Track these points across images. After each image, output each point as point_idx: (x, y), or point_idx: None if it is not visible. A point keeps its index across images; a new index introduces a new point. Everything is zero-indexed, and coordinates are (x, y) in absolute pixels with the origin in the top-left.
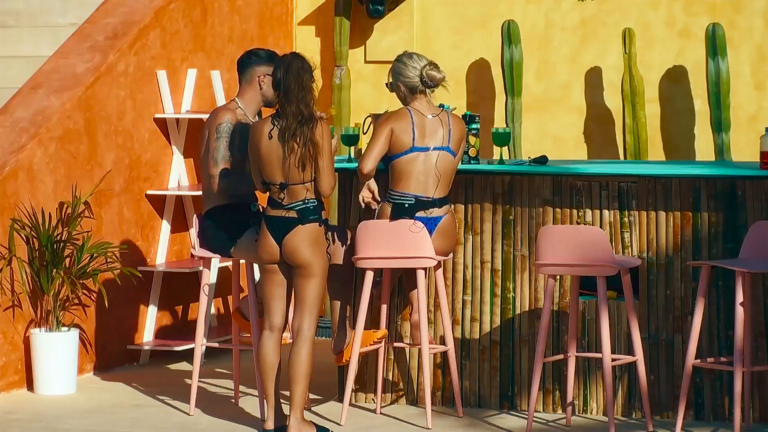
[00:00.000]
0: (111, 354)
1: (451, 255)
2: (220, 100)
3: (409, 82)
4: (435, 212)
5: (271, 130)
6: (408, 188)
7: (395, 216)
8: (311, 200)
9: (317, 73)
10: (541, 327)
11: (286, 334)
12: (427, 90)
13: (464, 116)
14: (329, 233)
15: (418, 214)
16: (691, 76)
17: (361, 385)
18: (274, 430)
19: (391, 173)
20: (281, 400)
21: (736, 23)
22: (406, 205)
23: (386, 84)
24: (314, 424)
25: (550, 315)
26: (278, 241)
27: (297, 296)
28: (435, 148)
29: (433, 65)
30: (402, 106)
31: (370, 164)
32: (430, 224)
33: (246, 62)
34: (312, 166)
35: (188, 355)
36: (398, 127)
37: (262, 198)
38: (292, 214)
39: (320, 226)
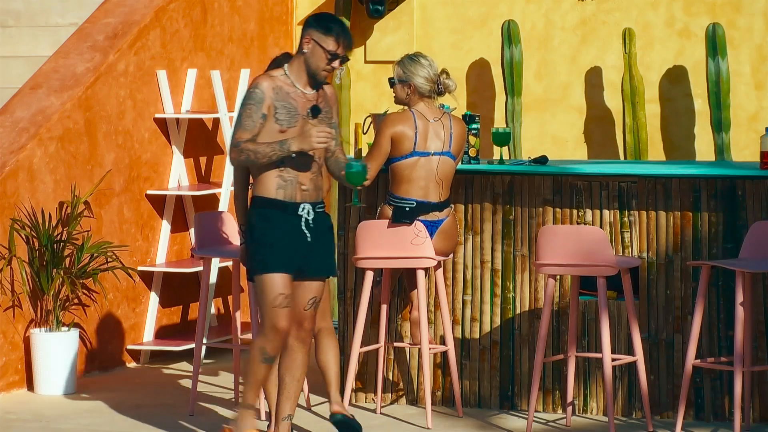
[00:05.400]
0: (111, 354)
1: (451, 255)
2: (220, 100)
3: (425, 85)
4: (437, 215)
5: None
6: (409, 193)
7: (396, 219)
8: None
9: None
10: (541, 327)
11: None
12: (434, 96)
13: (464, 116)
14: None
15: (419, 218)
16: (691, 76)
17: (361, 385)
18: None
19: (392, 176)
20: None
21: (736, 23)
22: (408, 209)
23: (392, 80)
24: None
25: (550, 315)
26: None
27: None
28: (436, 153)
29: (446, 73)
30: (401, 104)
31: (372, 171)
32: (433, 227)
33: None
34: None
35: (188, 355)
36: (400, 130)
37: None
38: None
39: None
